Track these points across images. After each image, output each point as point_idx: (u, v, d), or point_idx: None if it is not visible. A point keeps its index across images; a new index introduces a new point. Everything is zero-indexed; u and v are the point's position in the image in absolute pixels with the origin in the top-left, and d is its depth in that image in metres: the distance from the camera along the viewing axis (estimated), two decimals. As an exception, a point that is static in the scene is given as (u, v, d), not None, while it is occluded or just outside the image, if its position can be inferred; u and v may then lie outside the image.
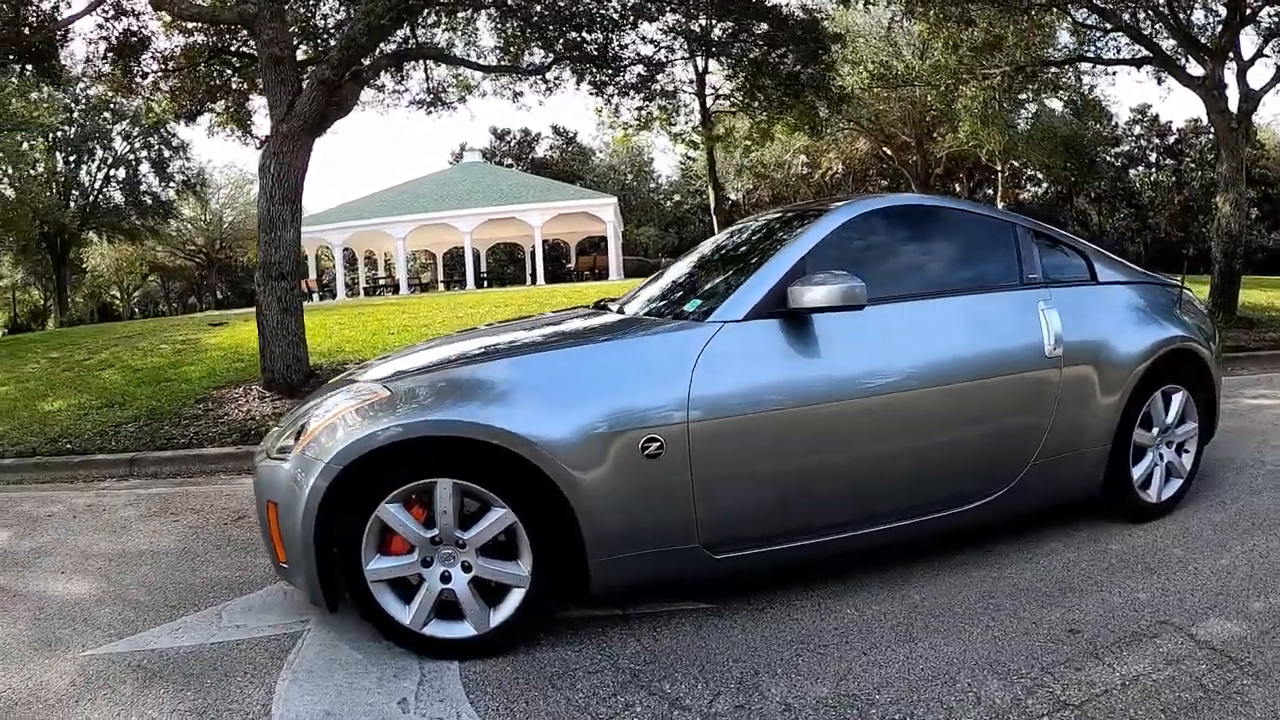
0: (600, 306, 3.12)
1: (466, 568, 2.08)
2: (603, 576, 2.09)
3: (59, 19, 6.18)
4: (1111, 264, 2.95)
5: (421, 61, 8.92)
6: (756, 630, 2.20)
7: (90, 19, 6.25)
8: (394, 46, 8.03)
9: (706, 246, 3.23)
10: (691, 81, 16.41)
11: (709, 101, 17.32)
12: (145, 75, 7.62)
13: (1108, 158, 29.41)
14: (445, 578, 2.09)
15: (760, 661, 2.03)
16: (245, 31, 7.05)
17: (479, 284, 23.85)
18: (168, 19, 6.71)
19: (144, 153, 28.29)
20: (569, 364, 2.18)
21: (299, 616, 2.49)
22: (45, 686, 2.18)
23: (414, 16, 7.23)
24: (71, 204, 26.40)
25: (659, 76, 9.36)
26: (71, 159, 26.28)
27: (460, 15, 9.40)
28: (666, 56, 9.33)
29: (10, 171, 17.54)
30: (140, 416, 6.49)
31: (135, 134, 26.74)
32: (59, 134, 23.47)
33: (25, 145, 18.72)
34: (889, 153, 23.81)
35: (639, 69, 9.24)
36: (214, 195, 35.84)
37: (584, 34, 8.94)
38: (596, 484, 2.01)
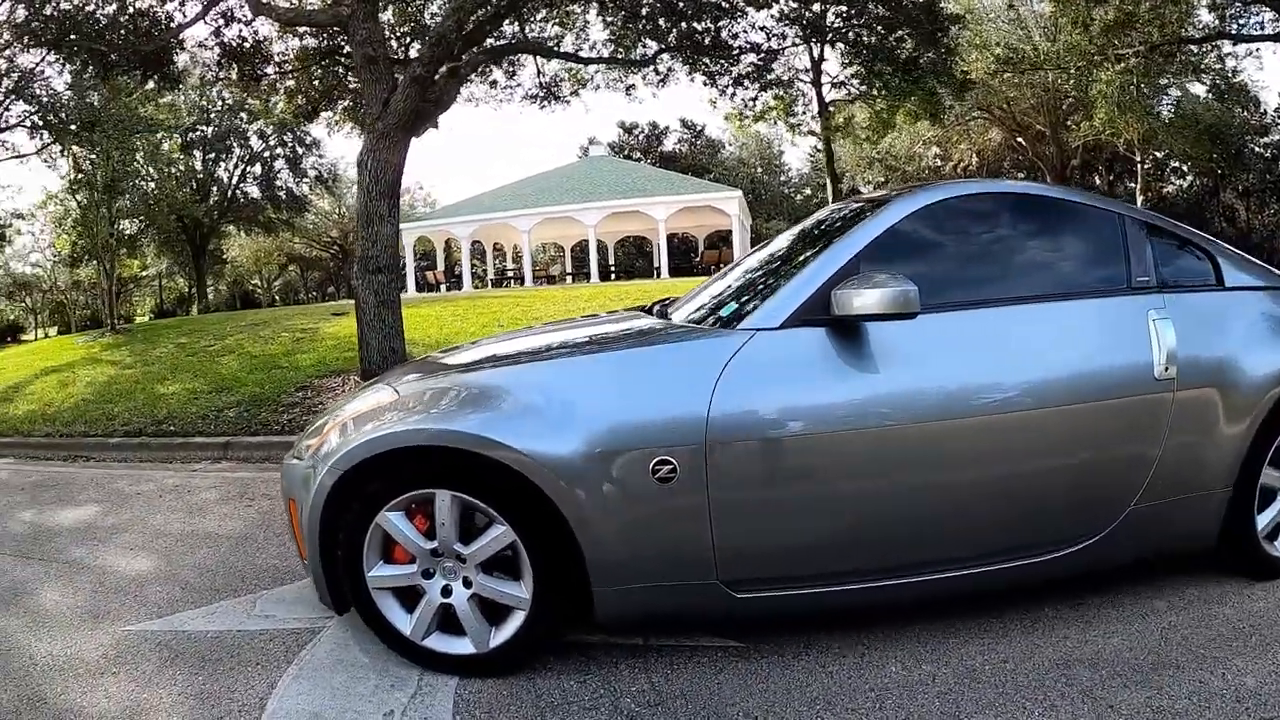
0: (655, 307, 2.97)
1: (467, 583, 2.07)
2: (608, 606, 2.00)
3: (172, 27, 6.85)
4: (1243, 265, 2.52)
5: (532, 56, 9.16)
6: (782, 679, 2.04)
7: (204, 27, 6.98)
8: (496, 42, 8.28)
9: (779, 241, 2.93)
10: (807, 70, 16.03)
11: (826, 90, 16.86)
12: (259, 78, 8.30)
13: (1256, 147, 26.00)
14: (446, 591, 2.09)
15: (775, 717, 1.88)
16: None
17: (604, 277, 24.60)
18: (272, 24, 7.27)
19: (279, 150, 31.07)
20: (575, 374, 2.12)
21: (325, 613, 2.58)
22: (80, 656, 2.38)
23: (512, 13, 7.45)
24: (210, 199, 29.41)
25: (774, 65, 9.20)
26: (210, 157, 29.34)
27: (568, 9, 9.65)
28: (778, 45, 9.15)
29: (150, 170, 19.74)
30: (242, 402, 7.06)
31: (270, 132, 29.40)
32: (196, 134, 26.32)
33: (165, 145, 21.02)
34: (1023, 143, 22.35)
35: (752, 58, 9.14)
36: (348, 189, 38.97)
37: (694, 23, 8.93)
38: (600, 506, 1.91)
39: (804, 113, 14.96)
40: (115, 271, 15.56)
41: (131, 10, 6.57)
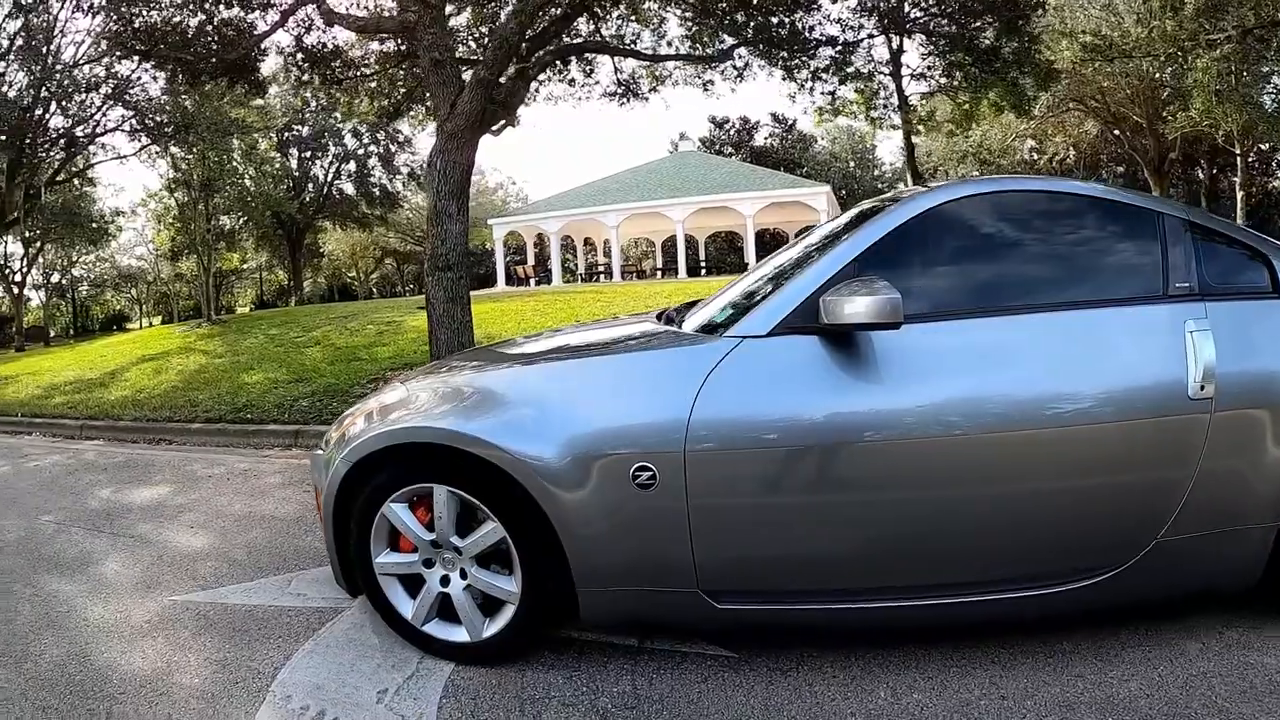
0: (673, 310, 2.96)
1: (464, 575, 2.20)
2: (592, 606, 2.08)
3: (253, 36, 7.40)
4: None
5: (609, 54, 9.37)
6: (765, 694, 2.04)
7: (287, 35, 7.53)
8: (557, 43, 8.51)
9: (801, 243, 2.84)
10: (887, 62, 15.70)
11: (906, 83, 16.42)
12: (340, 81, 8.84)
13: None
14: (444, 581, 2.23)
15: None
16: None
17: (693, 272, 24.99)
18: (347, 31, 7.73)
19: (372, 147, 32.78)
20: (562, 378, 2.20)
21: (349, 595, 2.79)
22: (127, 620, 2.67)
23: (583, 13, 7.65)
24: (306, 195, 31.37)
25: (853, 58, 9.08)
26: (306, 155, 31.32)
27: (642, 6, 9.81)
28: (854, 36, 9.02)
29: (248, 169, 21.28)
30: (317, 392, 7.55)
31: (364, 131, 31.04)
32: (292, 133, 28.23)
33: (262, 144, 22.62)
34: (1119, 135, 21.10)
35: (829, 51, 9.04)
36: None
37: (769, 17, 8.91)
38: (582, 509, 1.97)
39: (886, 106, 14.59)
40: (212, 265, 16.85)
41: (216, 21, 7.16)
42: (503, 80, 6.53)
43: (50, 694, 2.20)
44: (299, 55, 8.00)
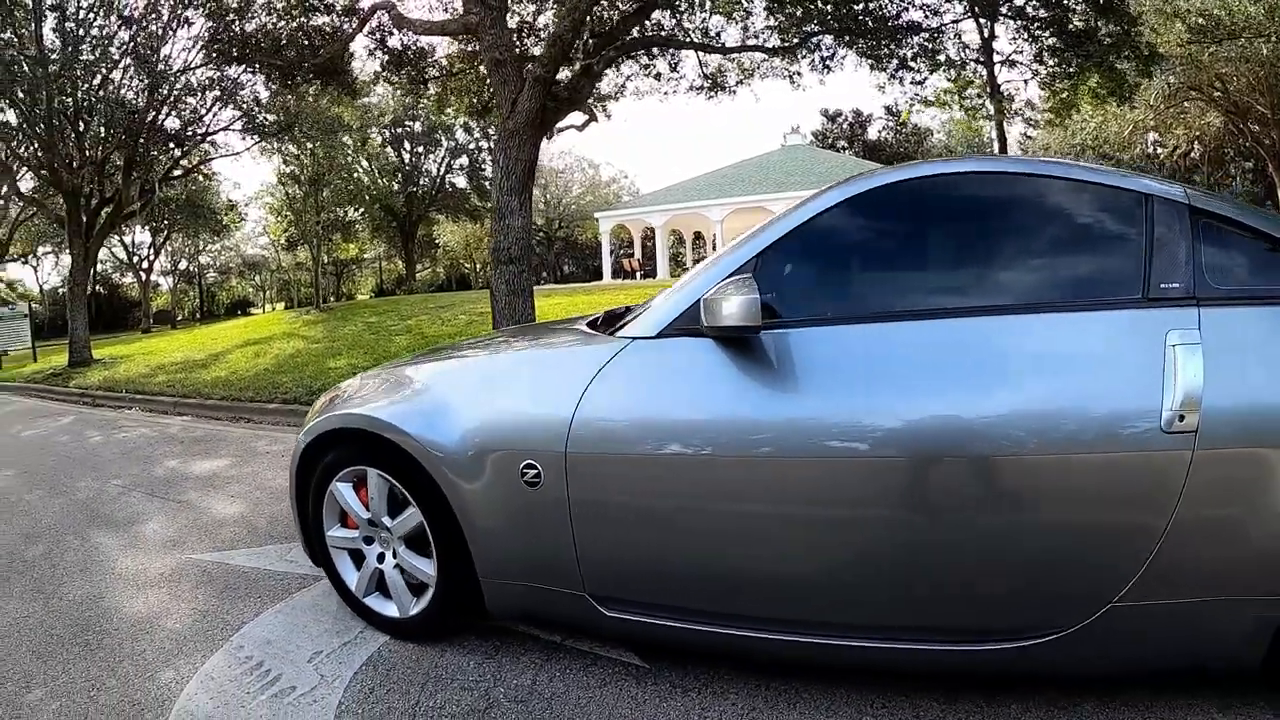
0: (622, 309, 2.86)
1: (395, 554, 2.51)
2: (495, 599, 2.22)
3: (335, 41, 8.14)
4: None
5: (676, 48, 9.62)
6: (655, 708, 2.01)
7: (370, 39, 8.27)
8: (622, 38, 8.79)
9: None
10: (978, 49, 15.01)
11: (997, 70, 15.58)
12: (424, 80, 9.52)
13: None
14: (381, 558, 2.54)
15: None
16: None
17: None
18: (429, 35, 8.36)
19: (483, 142, 34.39)
20: (470, 372, 2.43)
21: (333, 568, 3.18)
22: (144, 572, 3.18)
23: (654, 8, 7.90)
24: (419, 189, 33.45)
25: (943, 45, 8.87)
26: (418, 150, 33.36)
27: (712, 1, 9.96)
28: (940, 23, 8.77)
29: (361, 163, 23.01)
30: (388, 380, 8.22)
31: (475, 126, 32.63)
32: (403, 129, 30.20)
33: (377, 139, 24.38)
34: (1243, 127, 18.99)
35: (918, 38, 8.84)
36: (551, 179, 42.50)
37: (853, 4, 8.83)
38: (481, 501, 2.10)
39: (981, 96, 13.91)
40: (321, 255, 18.43)
41: (304, 29, 7.94)
42: (563, 78, 6.87)
43: (60, 625, 2.71)
44: (384, 57, 8.72)
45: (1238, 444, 1.60)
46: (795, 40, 9.00)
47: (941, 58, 9.06)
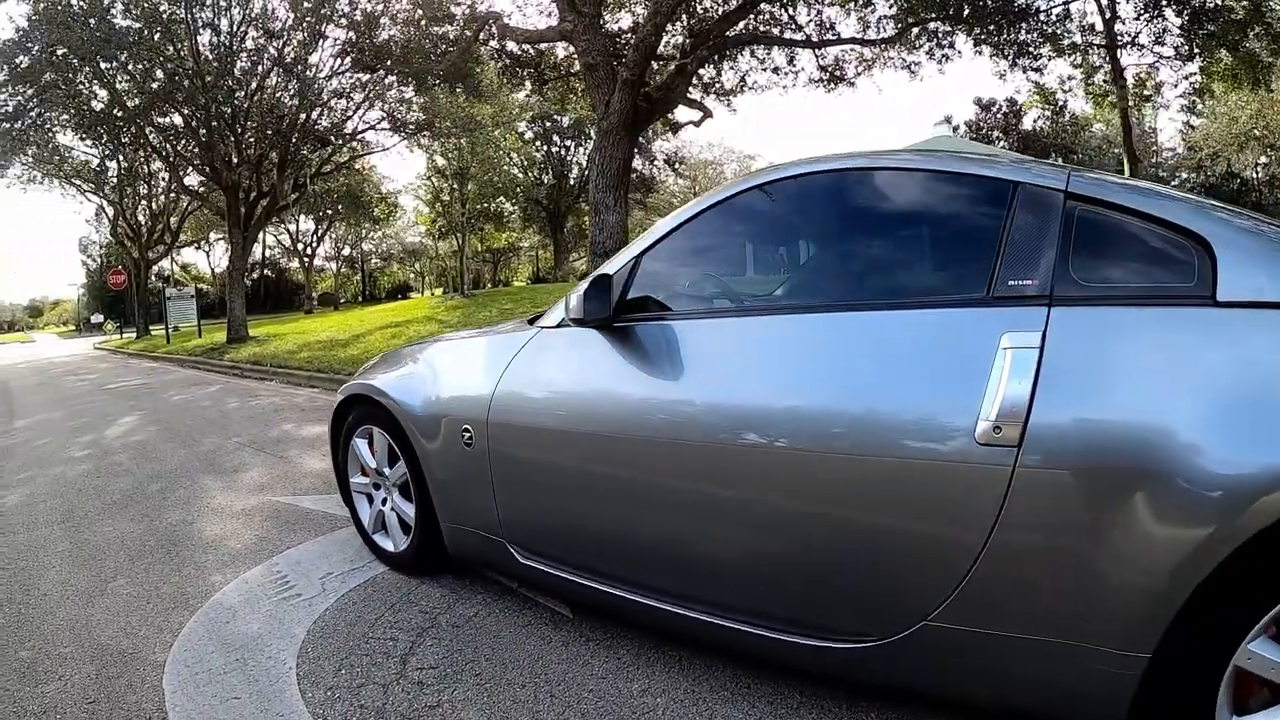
0: None
1: (390, 499, 3.14)
2: (452, 541, 2.72)
3: (455, 47, 9.11)
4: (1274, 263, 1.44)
5: (768, 44, 9.84)
6: (553, 650, 2.33)
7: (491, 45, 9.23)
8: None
9: None
10: (1100, 32, 13.80)
11: (1122, 54, 14.14)
12: (544, 80, 10.36)
13: None
14: (384, 502, 3.18)
15: (512, 673, 2.20)
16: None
17: None
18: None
19: (632, 134, 35.82)
20: (439, 352, 2.95)
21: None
22: (230, 507, 4.05)
23: (749, 11, 8.21)
24: (567, 181, 35.35)
25: (1067, 29, 8.51)
26: (567, 143, 35.19)
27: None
28: (1059, 2, 8.40)
29: (512, 157, 24.74)
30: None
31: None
32: (551, 122, 32.06)
33: (528, 134, 26.10)
34: None
35: (1035, 20, 8.52)
36: (701, 170, 43.42)
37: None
38: (436, 457, 2.64)
39: (1104, 81, 12.81)
40: (468, 244, 20.10)
41: (428, 37, 8.96)
42: (655, 79, 7.36)
43: (153, 539, 3.60)
44: (504, 62, 9.63)
45: (1072, 464, 1.43)
46: (896, 31, 8.95)
47: (1065, 42, 8.66)
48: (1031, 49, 8.90)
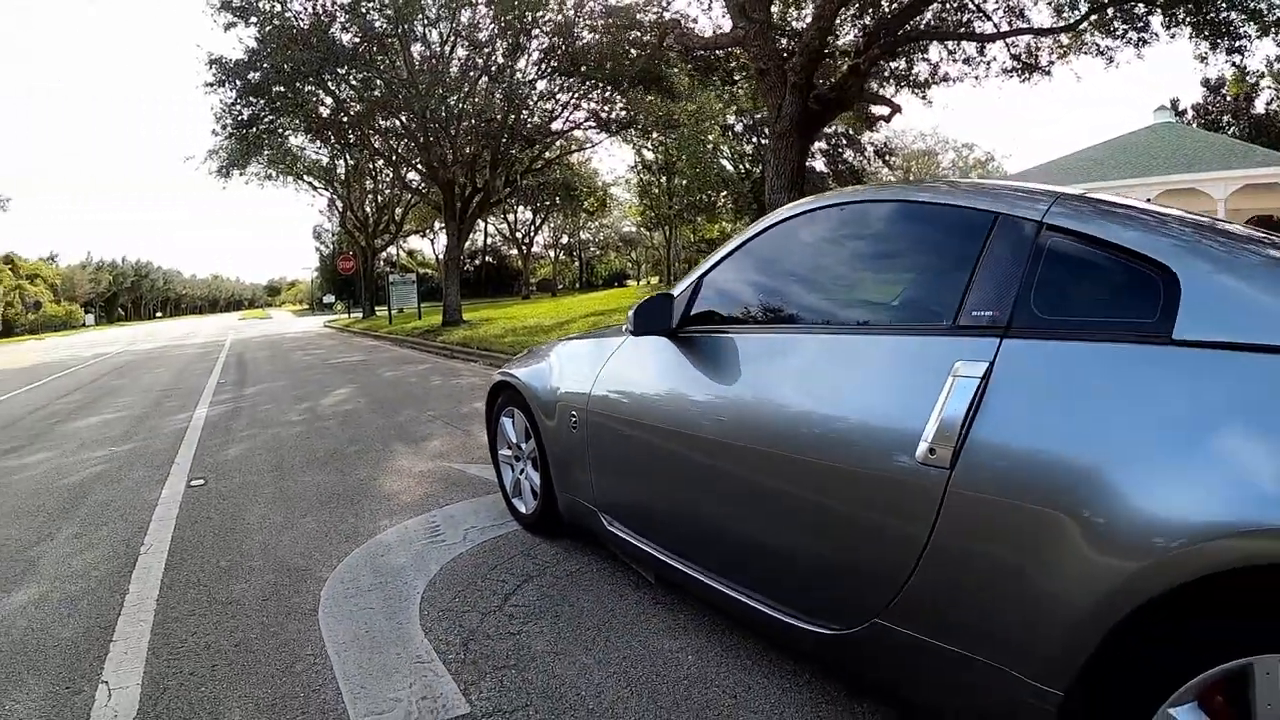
0: None
1: (524, 470, 3.71)
2: (563, 505, 3.24)
3: (646, 53, 9.68)
4: (1240, 305, 1.39)
5: (939, 40, 9.49)
6: (629, 605, 2.74)
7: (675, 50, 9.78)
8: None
9: None
10: None
11: None
12: (733, 81, 10.73)
13: None
14: (521, 471, 3.77)
15: (585, 618, 2.65)
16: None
17: None
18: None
19: (839, 127, 34.88)
20: (560, 351, 3.45)
21: (526, 486, 4.54)
22: (411, 469, 4.89)
23: (917, 11, 8.04)
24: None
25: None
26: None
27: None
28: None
29: (724, 150, 25.35)
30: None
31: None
32: (760, 116, 32.14)
33: (739, 127, 26.54)
34: None
35: None
36: (914, 159, 41.87)
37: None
38: (553, 435, 3.17)
39: None
40: (676, 235, 20.96)
41: (620, 43, 9.63)
42: (826, 81, 7.49)
43: (342, 489, 4.48)
44: (690, 65, 10.14)
45: (999, 490, 1.51)
46: (1075, 19, 8.30)
47: (1273, 18, 7.57)
48: (1232, 28, 7.87)
